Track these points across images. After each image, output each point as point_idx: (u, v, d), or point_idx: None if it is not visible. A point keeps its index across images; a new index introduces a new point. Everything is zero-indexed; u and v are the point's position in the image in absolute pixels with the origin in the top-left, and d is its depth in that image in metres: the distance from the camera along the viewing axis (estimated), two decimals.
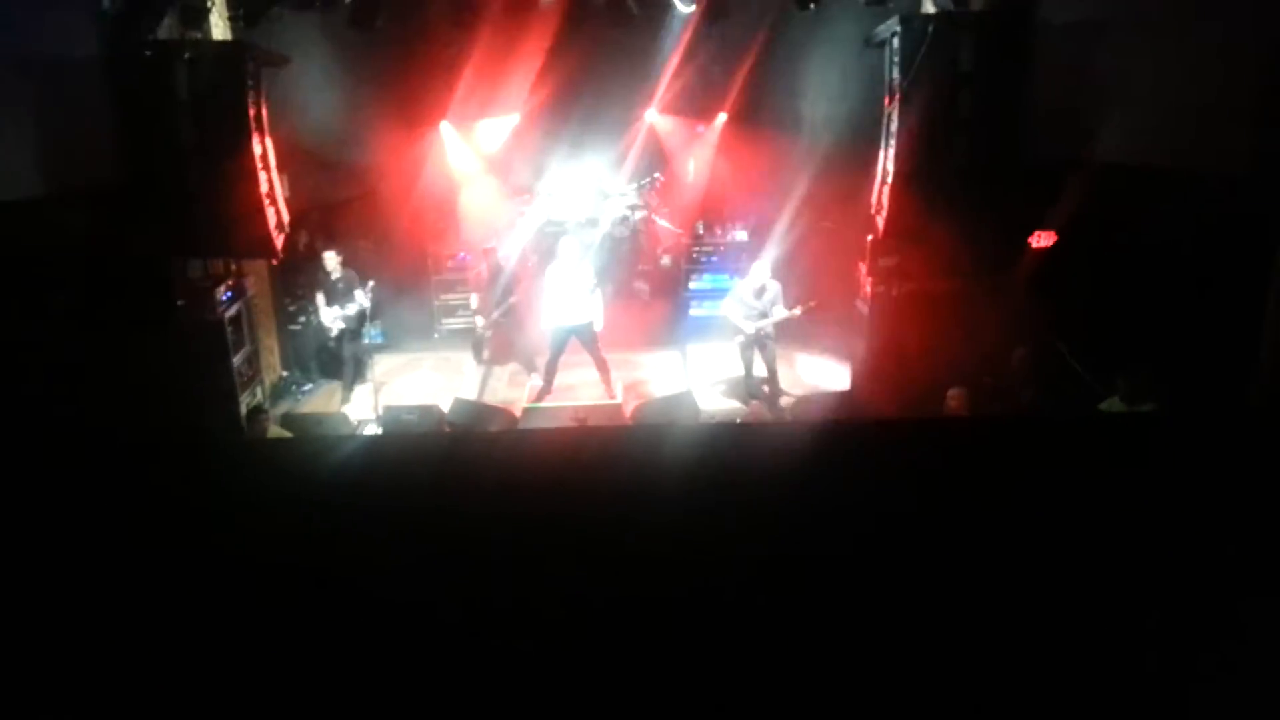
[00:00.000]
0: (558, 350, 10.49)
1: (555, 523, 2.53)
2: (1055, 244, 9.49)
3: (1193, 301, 7.65)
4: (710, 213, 13.53)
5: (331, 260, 10.69)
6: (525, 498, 2.65)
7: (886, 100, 9.26)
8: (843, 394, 10.56)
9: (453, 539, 2.54)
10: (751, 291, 10.43)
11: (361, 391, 10.82)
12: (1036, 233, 9.54)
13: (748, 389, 10.83)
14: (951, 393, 8.57)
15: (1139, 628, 2.13)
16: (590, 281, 10.33)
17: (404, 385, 11.76)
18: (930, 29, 8.76)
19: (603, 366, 10.58)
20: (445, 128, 13.05)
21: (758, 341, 10.54)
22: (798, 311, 10.41)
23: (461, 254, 13.18)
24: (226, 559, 2.51)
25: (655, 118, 13.33)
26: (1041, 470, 2.53)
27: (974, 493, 2.49)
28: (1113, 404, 7.54)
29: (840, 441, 2.97)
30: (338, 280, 10.65)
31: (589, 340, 10.45)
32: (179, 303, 9.39)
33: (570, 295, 10.23)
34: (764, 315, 10.43)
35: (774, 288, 10.42)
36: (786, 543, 2.37)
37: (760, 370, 10.73)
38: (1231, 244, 7.33)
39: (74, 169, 8.40)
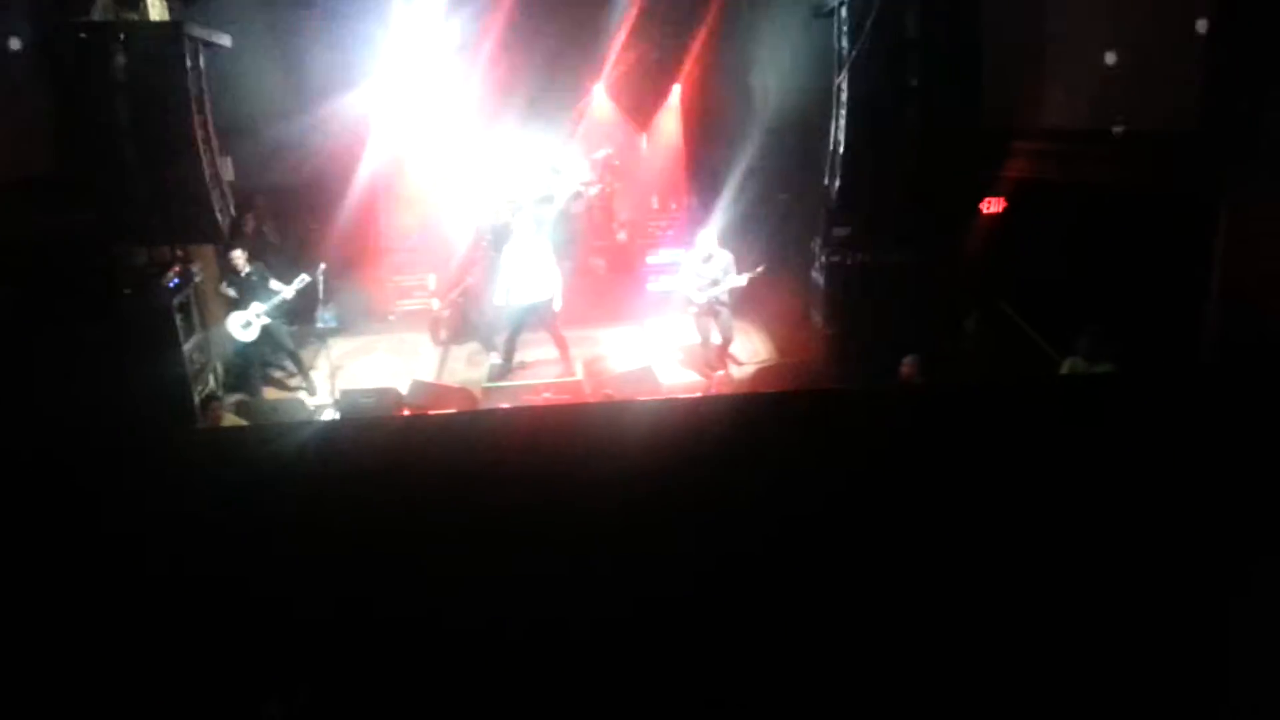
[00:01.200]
0: (516, 328, 10.41)
1: (517, 502, 2.51)
2: (1004, 210, 9.59)
3: (1141, 261, 7.78)
4: (665, 187, 13.49)
5: (240, 258, 10.27)
6: (484, 478, 2.62)
7: (836, 70, 9.27)
8: (800, 364, 10.62)
9: (412, 522, 2.51)
10: (699, 260, 10.48)
11: (317, 376, 10.64)
12: (986, 199, 9.63)
13: (704, 358, 10.86)
14: (906, 360, 8.65)
15: (1110, 586, 2.17)
16: (547, 258, 10.25)
17: (360, 368, 11.60)
18: None
19: (561, 344, 10.53)
20: (390, 102, 12.80)
21: (710, 310, 10.58)
22: (745, 280, 10.46)
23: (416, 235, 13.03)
24: (185, 550, 2.47)
25: (606, 91, 13.23)
26: (1001, 433, 2.56)
27: (934, 459, 2.51)
28: (1075, 365, 7.65)
29: (800, 411, 2.98)
30: (250, 275, 10.29)
31: (547, 317, 10.38)
32: (125, 291, 9.18)
33: (527, 273, 10.15)
34: (715, 283, 10.46)
35: (723, 256, 10.47)
36: (751, 513, 2.38)
37: (717, 339, 10.77)
38: (1177, 202, 7.45)
39: (10, 156, 8.17)
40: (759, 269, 10.50)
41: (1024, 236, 9.02)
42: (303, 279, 10.11)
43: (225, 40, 9.55)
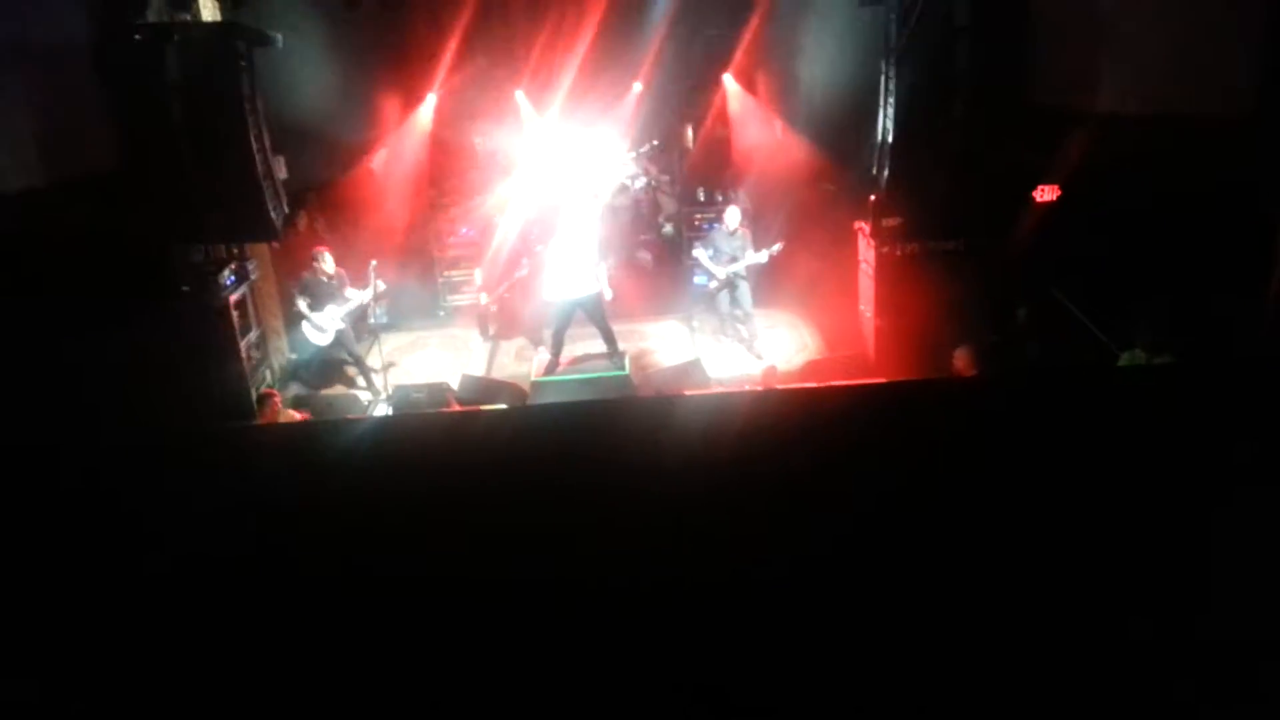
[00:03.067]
0: (564, 323, 10.44)
1: (569, 497, 2.52)
2: (1059, 197, 9.41)
3: (1198, 249, 7.59)
4: (711, 179, 13.44)
5: (329, 261, 10.46)
6: (537, 473, 2.63)
7: (884, 58, 9.16)
8: (850, 356, 10.55)
9: (466, 517, 2.53)
10: (724, 236, 11.11)
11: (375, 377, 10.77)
12: (1040, 187, 9.46)
13: (735, 334, 11.52)
14: (958, 352, 8.54)
15: (1170, 585, 2.12)
16: (594, 252, 10.26)
17: (412, 364, 11.75)
18: None
19: (609, 337, 10.54)
20: (432, 101, 12.92)
21: (729, 283, 11.20)
22: (764, 256, 10.92)
23: (464, 229, 13.12)
24: (243, 547, 2.51)
25: (653, 84, 13.20)
26: (1060, 426, 2.52)
27: (990, 453, 2.48)
28: (1134, 356, 7.50)
29: (853, 405, 2.95)
30: (332, 279, 10.48)
31: (595, 311, 10.38)
32: (183, 288, 9.36)
33: (574, 267, 10.17)
34: (734, 259, 11.04)
35: (744, 234, 11.10)
36: (807, 509, 2.36)
37: (736, 309, 11.35)
38: (1236, 189, 7.26)
39: (69, 157, 8.35)
40: (777, 245, 10.93)
41: (1079, 225, 8.84)
42: (377, 285, 10.22)
43: (277, 39, 9.69)
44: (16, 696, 2.22)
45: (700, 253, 11.44)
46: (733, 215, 11.20)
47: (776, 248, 10.92)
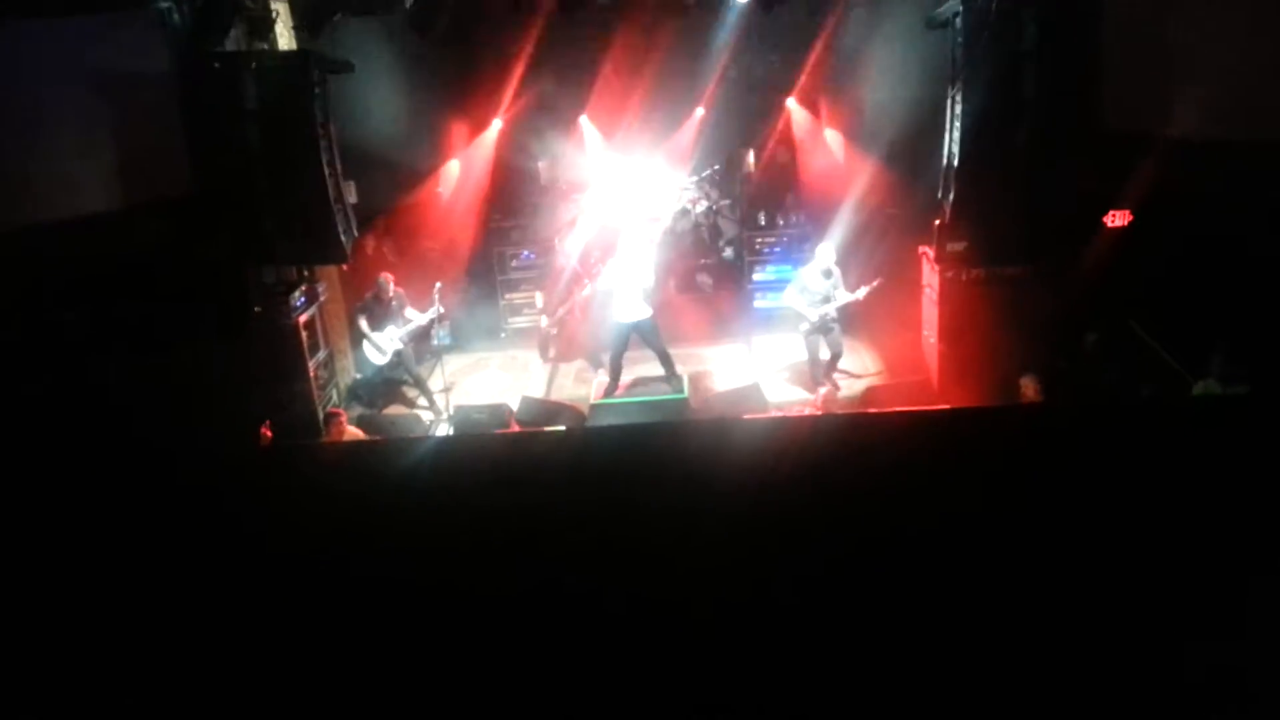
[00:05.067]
0: (620, 346, 10.45)
1: (628, 518, 2.53)
2: (1130, 223, 9.22)
3: (1271, 277, 7.37)
4: (772, 203, 13.41)
5: (389, 283, 10.63)
6: (596, 494, 2.65)
7: (949, 82, 9.08)
8: (916, 382, 10.40)
9: (526, 535, 2.56)
10: (817, 275, 10.34)
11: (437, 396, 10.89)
12: (1111, 212, 9.28)
13: (813, 376, 10.72)
14: (1025, 380, 8.39)
15: (1243, 607, 2.06)
16: (650, 277, 10.27)
17: (473, 385, 11.87)
18: (994, 6, 8.55)
19: (666, 360, 10.54)
20: (498, 126, 13.09)
21: (822, 327, 10.44)
22: (861, 294, 10.31)
23: (526, 253, 13.26)
24: (310, 562, 2.56)
25: (715, 108, 13.23)
26: (1129, 457, 2.46)
27: (1056, 484, 2.43)
28: (1208, 386, 7.30)
29: (918, 432, 2.92)
30: (392, 299, 10.65)
31: (651, 334, 10.38)
32: (255, 309, 9.59)
33: (631, 291, 10.20)
34: (827, 300, 10.33)
35: (836, 272, 10.36)
36: (867, 535, 2.34)
37: (826, 355, 10.62)
38: None
39: (148, 181, 8.63)
40: (875, 283, 10.32)
41: (1151, 250, 8.64)
42: (437, 309, 10.36)
43: (350, 67, 9.93)
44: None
45: (792, 294, 10.54)
46: (825, 252, 10.36)
47: (876, 284, 10.28)
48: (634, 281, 10.17)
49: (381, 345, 10.56)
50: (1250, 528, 2.22)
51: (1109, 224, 9.26)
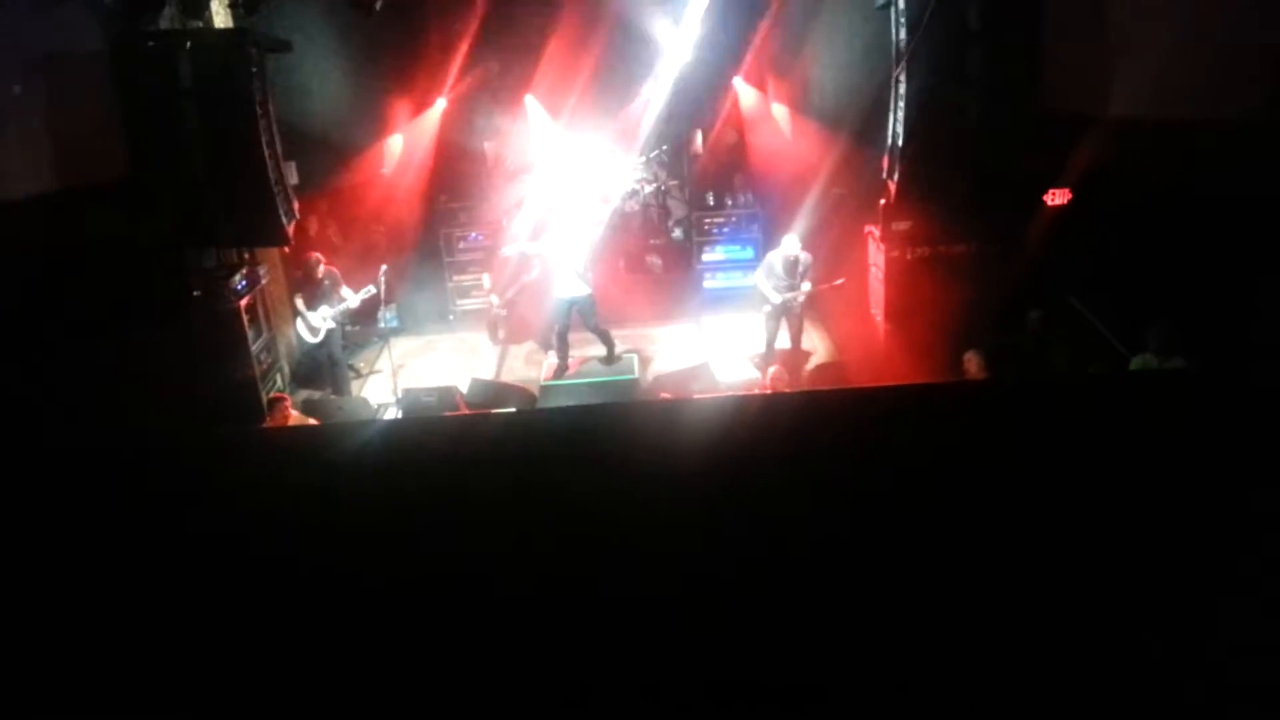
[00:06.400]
0: (563, 323, 10.39)
1: (578, 500, 2.52)
2: (1070, 201, 9.38)
3: (1209, 254, 7.55)
4: (721, 183, 13.43)
5: (319, 261, 10.61)
6: (546, 476, 2.64)
7: (894, 62, 9.13)
8: (859, 360, 10.51)
9: (475, 519, 2.54)
10: (783, 263, 10.31)
11: (380, 375, 10.81)
12: (1051, 191, 9.43)
13: (765, 357, 10.76)
14: (968, 355, 8.51)
15: (1177, 586, 2.11)
16: (583, 258, 10.17)
17: (421, 368, 11.78)
18: None
19: (605, 338, 10.51)
20: (441, 105, 12.93)
21: (784, 312, 10.47)
22: (819, 288, 10.37)
23: (474, 234, 13.14)
24: (254, 548, 2.52)
25: (661, 88, 13.18)
26: (1070, 431, 2.51)
27: (998, 458, 2.47)
28: (1146, 361, 7.46)
29: (861, 408, 2.95)
30: (324, 279, 10.59)
31: (588, 311, 10.33)
32: (195, 293, 9.41)
33: (571, 269, 10.11)
34: (793, 288, 10.34)
35: (806, 260, 10.31)
36: (815, 511, 2.36)
37: (784, 342, 10.67)
38: (1250, 193, 7.22)
39: (82, 164, 8.40)
40: (838, 281, 10.40)
41: (1090, 229, 8.80)
42: (369, 290, 10.32)
43: (288, 45, 9.72)
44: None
45: (760, 275, 10.53)
46: (790, 243, 10.22)
47: (839, 282, 10.40)
48: (572, 258, 10.08)
49: (314, 323, 10.54)
50: (1187, 496, 2.28)
51: (1050, 202, 9.41)
